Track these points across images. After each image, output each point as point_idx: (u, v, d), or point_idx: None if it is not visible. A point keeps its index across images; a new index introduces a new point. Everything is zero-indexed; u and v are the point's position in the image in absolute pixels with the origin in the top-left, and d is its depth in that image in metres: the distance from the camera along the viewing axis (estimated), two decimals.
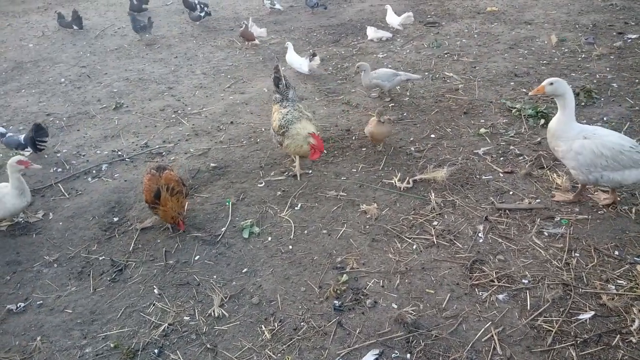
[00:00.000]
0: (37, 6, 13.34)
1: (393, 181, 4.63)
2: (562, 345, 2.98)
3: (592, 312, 3.16)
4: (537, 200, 4.23)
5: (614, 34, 7.92)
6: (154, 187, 4.10)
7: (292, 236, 4.11)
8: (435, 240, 3.90)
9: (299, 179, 4.88)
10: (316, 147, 4.55)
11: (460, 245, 3.84)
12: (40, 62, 9.08)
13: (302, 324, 3.30)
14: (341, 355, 3.05)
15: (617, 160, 3.68)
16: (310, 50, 7.64)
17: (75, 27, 10.64)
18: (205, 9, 10.49)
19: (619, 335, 3.01)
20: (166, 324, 3.37)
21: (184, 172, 5.17)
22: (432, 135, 5.45)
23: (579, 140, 3.80)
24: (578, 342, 2.99)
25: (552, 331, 3.06)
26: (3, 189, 4.18)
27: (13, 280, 3.94)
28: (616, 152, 3.67)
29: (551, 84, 3.81)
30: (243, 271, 3.80)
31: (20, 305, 3.66)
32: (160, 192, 4.05)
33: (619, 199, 4.08)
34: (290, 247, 4.00)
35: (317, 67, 7.58)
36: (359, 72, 6.29)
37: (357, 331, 3.20)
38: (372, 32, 8.76)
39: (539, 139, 5.13)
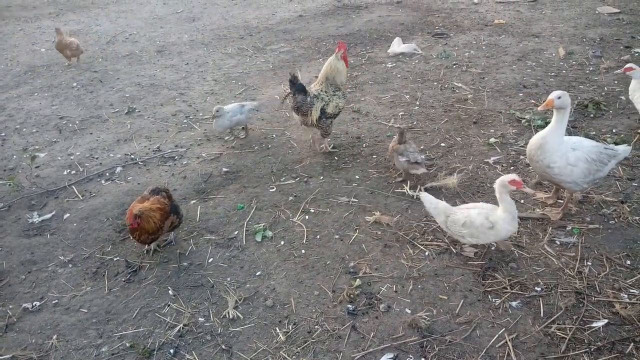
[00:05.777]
0: (48, 12, 13.52)
1: (405, 189, 4.67)
2: (576, 352, 3.00)
3: (606, 320, 3.18)
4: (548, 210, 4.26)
5: (621, 47, 8.00)
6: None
7: (304, 240, 4.15)
8: (447, 247, 3.93)
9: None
10: None
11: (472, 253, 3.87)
12: (52, 66, 9.19)
13: (316, 327, 3.32)
14: (355, 358, 3.08)
15: (601, 160, 3.87)
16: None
17: None
18: None
19: (632, 344, 3.02)
20: (181, 325, 3.39)
21: (197, 176, 5.23)
22: (443, 144, 5.50)
23: (570, 153, 3.81)
24: (592, 349, 3.01)
25: (566, 338, 3.08)
26: (493, 211, 3.52)
27: (28, 279, 3.98)
28: (599, 154, 3.86)
29: (559, 97, 3.77)
30: (257, 274, 3.83)
31: (35, 304, 3.69)
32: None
33: (629, 208, 4.12)
34: (303, 251, 4.04)
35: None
36: (217, 115, 5.68)
37: (371, 335, 3.23)
38: (396, 45, 8.59)
39: None
